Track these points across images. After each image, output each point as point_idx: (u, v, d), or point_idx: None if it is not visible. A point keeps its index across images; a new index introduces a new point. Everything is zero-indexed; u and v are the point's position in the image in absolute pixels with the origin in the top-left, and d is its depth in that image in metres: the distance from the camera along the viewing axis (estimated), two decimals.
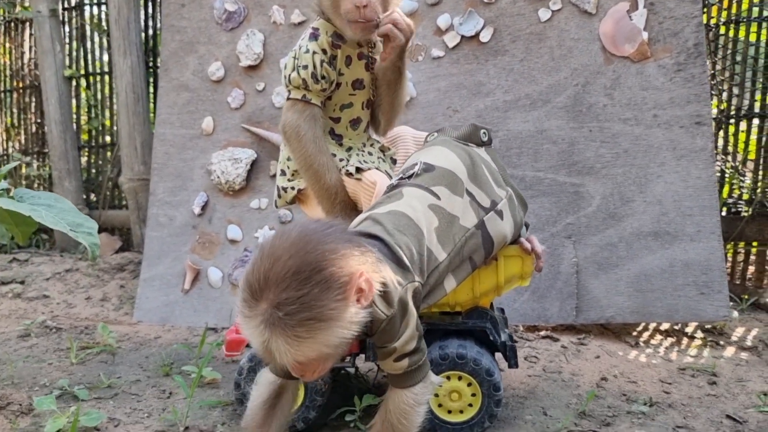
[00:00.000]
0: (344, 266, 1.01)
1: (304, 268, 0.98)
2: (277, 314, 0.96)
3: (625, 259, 2.14)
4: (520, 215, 1.47)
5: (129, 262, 2.96)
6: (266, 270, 0.98)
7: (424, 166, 1.34)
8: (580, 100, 2.22)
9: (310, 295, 0.97)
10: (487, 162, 1.44)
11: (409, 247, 1.20)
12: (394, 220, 1.23)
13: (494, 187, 1.40)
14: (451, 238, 1.28)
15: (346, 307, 1.00)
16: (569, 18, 2.24)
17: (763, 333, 2.17)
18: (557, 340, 2.13)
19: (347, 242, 1.06)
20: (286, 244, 1.02)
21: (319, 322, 0.97)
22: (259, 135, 2.46)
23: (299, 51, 1.50)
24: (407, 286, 1.16)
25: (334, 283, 0.99)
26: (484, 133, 1.49)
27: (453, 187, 1.32)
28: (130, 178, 3.02)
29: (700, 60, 2.13)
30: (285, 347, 0.97)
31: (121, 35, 2.99)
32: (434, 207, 1.28)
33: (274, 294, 0.97)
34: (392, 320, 1.13)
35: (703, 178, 2.11)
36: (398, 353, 1.16)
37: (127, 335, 2.30)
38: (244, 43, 2.51)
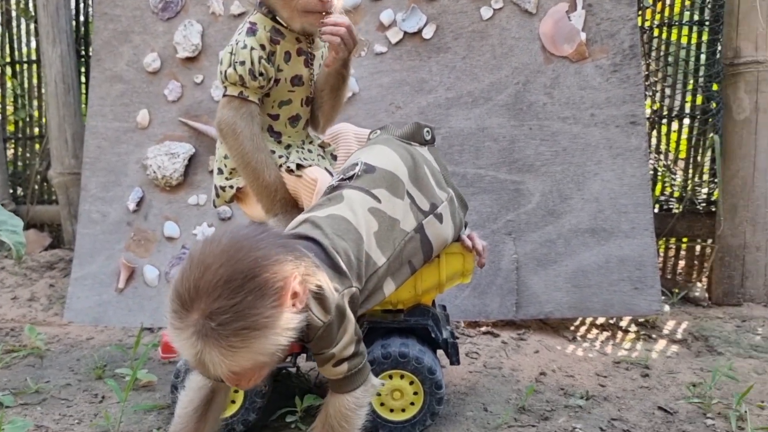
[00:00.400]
0: (278, 272, 0.99)
1: (236, 275, 0.95)
2: (209, 325, 0.92)
3: (564, 256, 2.18)
4: (460, 216, 1.47)
5: (59, 260, 2.84)
6: (196, 279, 0.95)
7: (364, 167, 1.33)
8: (520, 99, 2.25)
9: (243, 304, 0.94)
10: (429, 162, 1.44)
11: (347, 253, 1.19)
12: (333, 225, 1.22)
13: (435, 189, 1.40)
14: (390, 242, 1.28)
15: (282, 313, 0.98)
16: (510, 17, 2.27)
17: (692, 326, 2.26)
18: (498, 335, 2.16)
19: (280, 247, 1.04)
20: (216, 251, 0.98)
21: (253, 331, 0.95)
22: (198, 129, 2.39)
23: (236, 46, 1.45)
24: (344, 291, 1.15)
25: (269, 290, 0.97)
26: (428, 131, 1.47)
27: (393, 190, 1.31)
28: (60, 172, 2.89)
29: (635, 61, 2.19)
30: (219, 358, 0.94)
31: (50, 22, 2.86)
32: (374, 210, 1.27)
33: (205, 304, 0.93)
34: (329, 327, 1.12)
35: (637, 177, 2.17)
36: (337, 358, 1.16)
37: (56, 337, 2.20)
38: (181, 34, 2.43)
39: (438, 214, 1.37)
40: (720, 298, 2.50)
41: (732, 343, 2.09)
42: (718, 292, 2.51)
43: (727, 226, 2.47)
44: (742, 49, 2.40)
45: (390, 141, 1.43)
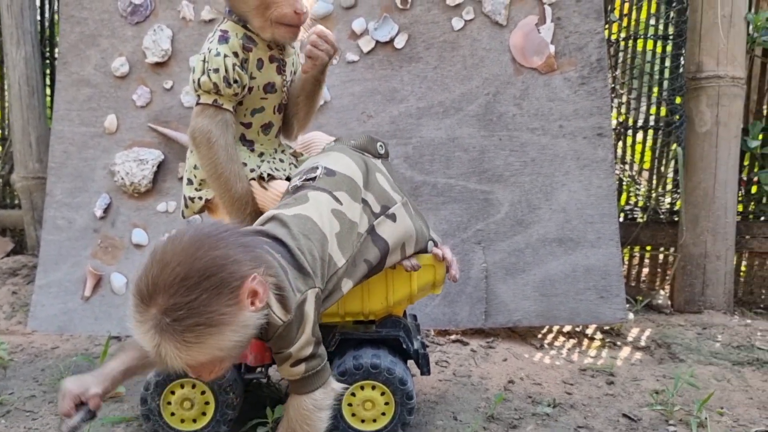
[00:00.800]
0: (235, 271, 1.03)
1: (193, 273, 1.00)
2: (165, 320, 0.98)
3: (532, 265, 2.22)
4: (420, 224, 1.49)
5: (22, 266, 2.78)
6: (155, 276, 1.00)
7: (325, 171, 1.36)
8: (490, 109, 2.28)
9: (198, 301, 0.99)
10: (381, 170, 1.47)
11: (312, 252, 1.22)
12: (300, 224, 1.24)
13: (388, 192, 1.43)
14: (350, 244, 1.31)
15: (239, 311, 1.03)
16: (481, 28, 2.30)
17: (655, 333, 2.31)
18: (467, 344, 2.19)
19: (240, 246, 1.08)
20: (177, 249, 1.03)
21: (208, 327, 1.00)
22: (167, 135, 2.37)
23: (209, 54, 1.44)
24: (307, 292, 1.18)
25: (225, 289, 1.01)
26: (381, 145, 1.51)
27: (352, 193, 1.35)
28: (23, 176, 2.83)
29: (602, 74, 2.24)
30: (175, 352, 0.99)
31: (14, 23, 2.80)
32: (336, 212, 1.30)
33: (163, 300, 0.98)
34: (289, 326, 1.15)
35: (603, 188, 2.22)
36: (294, 358, 1.19)
37: (20, 346, 2.16)
38: (150, 39, 2.40)
39: (390, 214, 1.40)
40: (682, 306, 2.56)
41: (693, 350, 2.15)
42: (680, 300, 2.57)
43: (689, 235, 2.53)
44: (704, 64, 2.47)
45: (344, 149, 1.47)
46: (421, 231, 1.48)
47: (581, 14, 2.25)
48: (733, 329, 2.32)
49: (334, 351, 1.49)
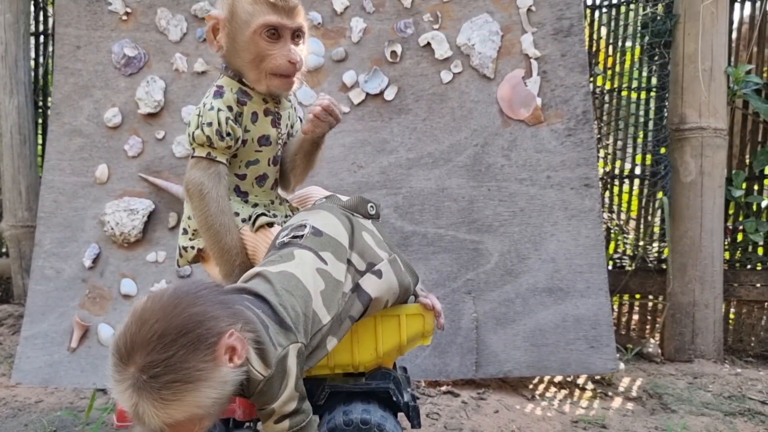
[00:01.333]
0: (212, 327, 1.04)
1: (170, 331, 1.00)
2: (143, 378, 0.98)
3: (522, 315, 2.22)
4: (408, 281, 1.47)
5: (8, 316, 2.75)
6: (133, 334, 1.00)
7: (312, 230, 1.36)
8: (479, 160, 2.31)
9: (175, 357, 0.99)
10: (370, 230, 1.46)
11: (295, 309, 1.22)
12: (284, 281, 1.25)
13: (375, 249, 1.42)
14: (335, 302, 1.30)
15: (216, 367, 1.03)
16: (469, 81, 2.35)
17: (647, 383, 2.30)
18: (458, 395, 2.17)
19: (218, 303, 1.09)
20: (155, 307, 1.04)
21: (185, 384, 1.00)
22: (158, 185, 2.38)
23: (203, 108, 1.47)
24: (289, 347, 1.17)
25: (201, 345, 1.02)
26: (371, 206, 1.50)
27: (337, 255, 1.35)
28: (12, 224, 2.82)
29: (588, 126, 2.28)
30: (153, 411, 0.99)
31: (8, 73, 2.84)
32: (321, 271, 1.30)
33: (140, 357, 0.99)
34: (270, 381, 1.14)
35: (591, 237, 2.24)
36: (277, 414, 1.17)
37: (3, 399, 2.12)
38: (143, 90, 2.43)
39: (376, 270, 1.39)
40: (672, 354, 2.56)
41: (684, 400, 2.14)
42: (670, 348, 2.58)
43: (677, 284, 2.55)
44: (687, 116, 2.53)
45: (333, 209, 1.46)
46: (406, 287, 1.47)
47: (566, 68, 2.31)
48: (724, 378, 2.31)
49: (323, 405, 1.48)
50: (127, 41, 2.47)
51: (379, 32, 2.40)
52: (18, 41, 2.83)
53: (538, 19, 2.34)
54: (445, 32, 2.37)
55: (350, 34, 2.40)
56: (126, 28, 2.48)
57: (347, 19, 2.41)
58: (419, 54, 2.38)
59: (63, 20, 2.51)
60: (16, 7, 2.82)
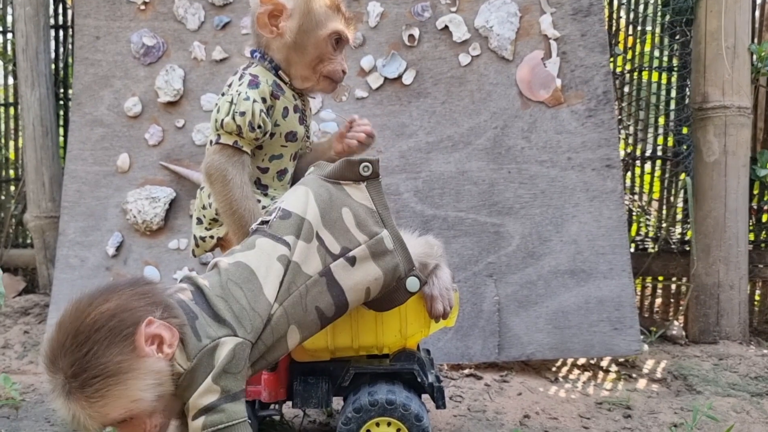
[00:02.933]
0: (126, 319, 1.03)
1: (83, 329, 1.00)
2: (67, 381, 0.99)
3: (544, 297, 2.21)
4: (395, 261, 1.32)
5: (34, 305, 2.79)
6: (53, 341, 1.02)
7: (280, 213, 1.29)
8: (499, 143, 2.30)
9: (90, 354, 0.99)
10: (354, 202, 1.33)
11: (240, 302, 1.16)
12: (234, 272, 1.20)
13: (352, 231, 1.30)
14: (286, 287, 1.22)
15: (138, 358, 1.02)
16: (488, 63, 2.33)
17: (671, 365, 2.28)
18: (480, 378, 2.16)
19: (136, 295, 1.08)
20: (71, 310, 1.04)
21: (106, 379, 0.99)
22: (179, 173, 2.39)
23: (237, 96, 1.45)
24: (219, 339, 1.11)
25: (116, 338, 1.01)
26: (366, 167, 1.33)
27: (304, 235, 1.26)
28: (36, 215, 2.86)
29: (608, 107, 2.26)
30: (84, 412, 0.99)
31: (29, 66, 2.86)
32: (282, 258, 1.23)
33: (62, 362, 0.99)
34: (191, 375, 1.09)
35: (613, 219, 2.22)
36: (193, 409, 1.09)
37: (32, 386, 2.15)
38: (163, 79, 2.45)
39: (350, 257, 1.28)
40: (697, 336, 2.54)
41: (710, 381, 2.12)
42: (695, 330, 2.55)
43: (701, 265, 2.52)
44: (710, 95, 2.49)
45: (313, 181, 1.35)
46: (392, 270, 1.32)
47: (586, 48, 2.28)
48: (750, 360, 2.29)
49: (348, 386, 1.49)
50: (146, 31, 2.48)
51: (397, 16, 2.38)
52: (38, 33, 2.85)
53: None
54: (463, 15, 2.35)
55: (367, 18, 2.39)
56: (144, 17, 2.50)
57: (364, 3, 2.40)
58: (437, 37, 2.36)
59: (82, 11, 2.53)
60: (35, 0, 2.85)
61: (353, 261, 1.28)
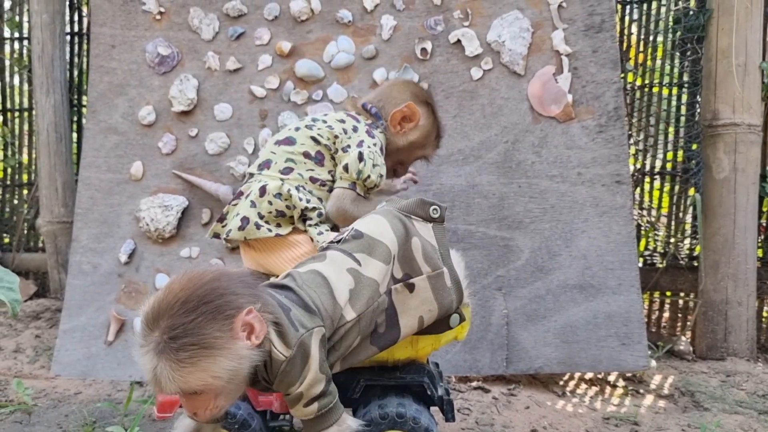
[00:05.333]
0: (232, 301, 1.09)
1: (193, 298, 1.06)
2: (163, 340, 1.03)
3: (553, 311, 2.22)
4: (451, 298, 1.41)
5: (45, 310, 2.81)
6: (160, 301, 1.07)
7: (353, 233, 1.38)
8: (509, 157, 2.31)
9: (194, 323, 1.04)
10: (424, 238, 1.41)
11: (315, 301, 1.25)
12: (308, 278, 1.29)
13: (418, 261, 1.38)
14: (364, 301, 1.31)
15: (232, 339, 1.08)
16: (500, 78, 2.35)
17: (678, 380, 2.29)
18: (488, 391, 2.17)
19: (241, 283, 1.15)
20: (183, 279, 1.11)
21: (201, 349, 1.04)
22: (191, 182, 2.42)
23: (377, 157, 1.63)
24: (313, 329, 1.20)
25: (219, 315, 1.07)
26: (435, 209, 1.44)
27: (376, 254, 1.34)
28: (49, 220, 2.89)
29: (619, 123, 2.27)
30: (169, 372, 1.03)
31: (44, 72, 2.90)
32: (352, 270, 1.32)
33: (164, 322, 1.04)
34: (292, 362, 1.17)
35: (623, 234, 2.23)
36: (306, 398, 1.20)
37: (44, 391, 2.17)
38: (177, 88, 2.47)
39: (410, 284, 1.37)
40: (704, 352, 2.54)
41: (718, 398, 2.13)
42: (702, 346, 2.55)
43: (709, 281, 2.53)
44: (720, 112, 2.51)
45: (388, 213, 1.43)
46: (447, 306, 1.41)
47: (598, 64, 2.30)
48: (757, 377, 2.29)
49: (358, 398, 1.50)
50: (161, 40, 2.51)
51: (409, 30, 2.41)
52: (54, 41, 2.89)
53: (569, 15, 2.33)
54: (476, 29, 2.37)
55: (380, 31, 2.42)
56: (159, 27, 2.53)
57: (377, 16, 2.42)
58: (449, 51, 2.38)
59: (98, 20, 2.56)
60: (52, 8, 2.88)
61: (412, 288, 1.37)
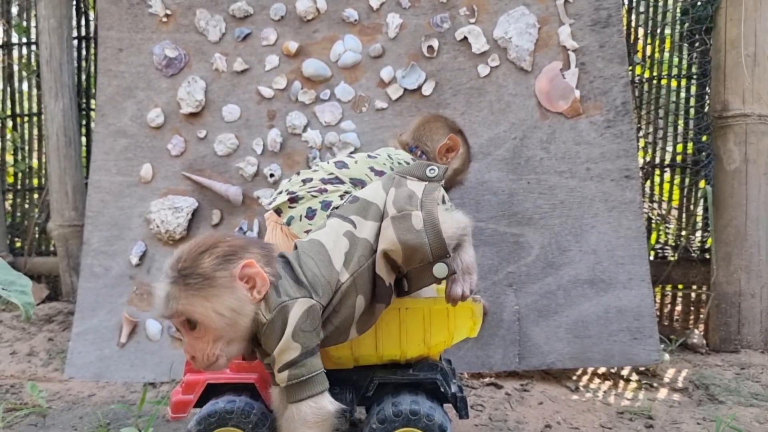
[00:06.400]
0: (238, 252, 1.24)
1: (206, 246, 1.24)
2: (177, 274, 1.20)
3: (564, 307, 2.21)
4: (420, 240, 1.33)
5: (58, 313, 2.83)
6: (182, 250, 1.24)
7: (351, 198, 1.47)
8: (518, 153, 2.31)
9: (202, 263, 1.21)
10: (408, 190, 1.40)
11: (313, 270, 1.32)
12: (309, 247, 1.37)
13: (387, 206, 1.39)
14: (356, 259, 1.37)
15: (233, 281, 1.21)
16: (507, 74, 2.34)
17: (692, 374, 2.28)
18: (501, 387, 2.17)
19: (252, 244, 1.29)
20: (206, 235, 1.29)
21: (206, 280, 1.19)
22: (201, 183, 2.43)
23: None
24: (298, 299, 1.26)
25: (224, 260, 1.22)
26: (432, 169, 1.45)
27: (368, 215, 1.40)
28: (60, 224, 2.90)
29: (627, 118, 2.26)
30: (177, 294, 1.19)
31: (52, 77, 2.91)
32: (348, 234, 1.38)
33: (180, 263, 1.21)
34: (271, 326, 1.25)
35: (633, 229, 2.22)
36: (278, 363, 1.26)
37: (58, 393, 2.19)
38: (185, 90, 2.48)
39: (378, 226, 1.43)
40: (718, 345, 2.53)
41: (732, 391, 2.12)
42: (716, 339, 2.54)
43: (722, 273, 2.51)
44: (730, 103, 2.49)
45: (385, 177, 1.51)
46: (413, 247, 1.33)
47: (605, 59, 2.29)
48: None
49: (371, 396, 1.50)
50: (168, 42, 2.52)
51: (416, 27, 2.40)
52: (62, 45, 2.91)
53: (576, 11, 2.32)
54: (482, 26, 2.37)
55: (387, 30, 2.41)
56: (166, 29, 2.53)
57: (383, 15, 2.42)
58: (456, 48, 2.38)
59: (105, 24, 2.57)
60: (59, 13, 2.90)
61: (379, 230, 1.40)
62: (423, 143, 1.93)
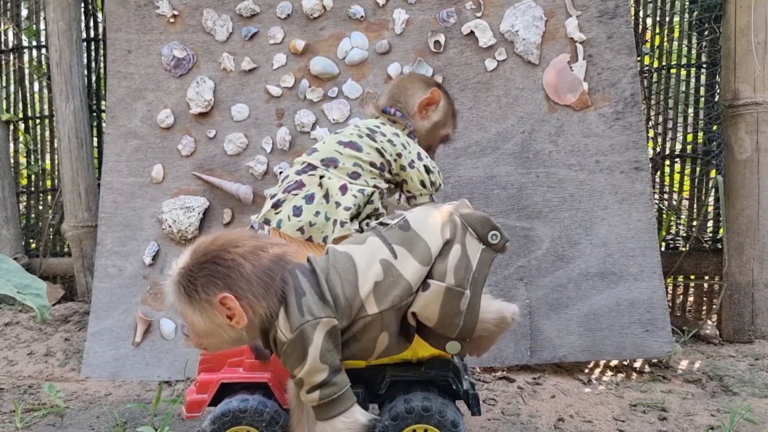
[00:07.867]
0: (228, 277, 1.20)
1: (211, 255, 1.21)
2: (179, 271, 1.23)
3: (575, 300, 2.21)
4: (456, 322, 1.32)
5: (73, 313, 2.86)
6: (199, 242, 1.26)
7: (401, 223, 1.34)
8: (527, 147, 2.30)
9: (200, 274, 1.20)
10: (466, 253, 1.32)
11: (335, 290, 1.27)
12: (339, 260, 1.31)
13: (447, 269, 1.30)
14: (390, 298, 1.28)
15: (213, 308, 1.20)
16: (514, 68, 2.34)
17: (706, 365, 2.27)
18: (513, 380, 2.18)
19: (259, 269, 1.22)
20: (225, 236, 1.26)
21: (195, 293, 1.20)
22: (211, 183, 2.44)
23: (430, 164, 1.75)
24: (321, 319, 1.22)
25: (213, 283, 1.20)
26: (494, 235, 1.33)
27: (416, 253, 1.30)
28: (73, 225, 2.93)
29: (636, 109, 2.25)
30: (172, 290, 1.22)
31: (63, 79, 2.93)
32: (384, 262, 1.29)
33: (189, 258, 1.23)
34: (292, 345, 1.22)
35: (643, 221, 2.21)
36: (307, 385, 1.24)
37: (75, 393, 2.22)
38: (194, 90, 2.50)
39: (426, 282, 1.30)
40: (731, 336, 2.52)
41: (747, 382, 2.11)
42: (729, 330, 2.53)
43: (735, 263, 2.50)
44: (741, 91, 2.47)
45: (448, 213, 1.36)
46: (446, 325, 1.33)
47: (613, 51, 2.28)
48: None
49: (384, 394, 1.51)
50: (176, 43, 2.53)
51: (422, 23, 2.40)
52: (71, 48, 2.93)
53: (583, 2, 2.31)
54: (488, 20, 2.36)
55: (393, 26, 2.41)
56: (174, 30, 2.55)
57: (389, 11, 2.42)
58: (463, 43, 2.38)
59: (113, 26, 2.59)
60: (68, 15, 2.92)
61: (426, 287, 1.30)
62: (398, 102, 1.86)
